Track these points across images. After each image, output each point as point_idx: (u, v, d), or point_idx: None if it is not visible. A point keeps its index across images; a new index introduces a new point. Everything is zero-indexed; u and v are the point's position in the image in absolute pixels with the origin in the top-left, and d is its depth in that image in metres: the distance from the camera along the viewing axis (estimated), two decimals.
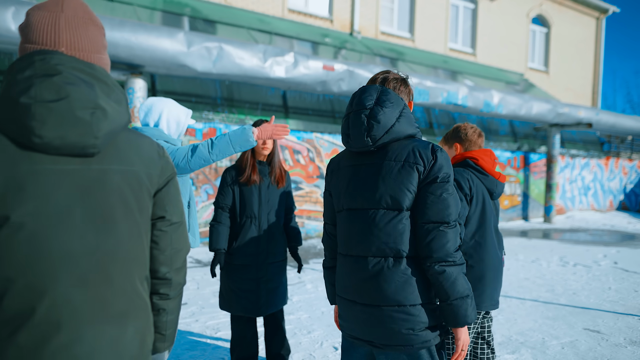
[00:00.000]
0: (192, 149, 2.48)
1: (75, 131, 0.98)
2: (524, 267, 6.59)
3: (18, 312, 0.93)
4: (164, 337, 1.27)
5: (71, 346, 0.96)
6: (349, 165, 1.63)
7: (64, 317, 0.96)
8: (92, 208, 1.01)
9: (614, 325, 4.13)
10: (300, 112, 9.12)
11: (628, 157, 16.32)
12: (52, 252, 0.96)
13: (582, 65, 18.38)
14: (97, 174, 1.03)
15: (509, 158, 12.28)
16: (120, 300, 1.05)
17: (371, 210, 1.54)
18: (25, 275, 0.94)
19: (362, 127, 1.53)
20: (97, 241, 1.01)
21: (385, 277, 1.50)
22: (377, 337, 1.52)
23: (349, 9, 12.33)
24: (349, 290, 1.59)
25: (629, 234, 10.85)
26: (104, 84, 1.07)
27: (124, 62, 6.30)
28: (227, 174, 2.86)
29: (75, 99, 0.98)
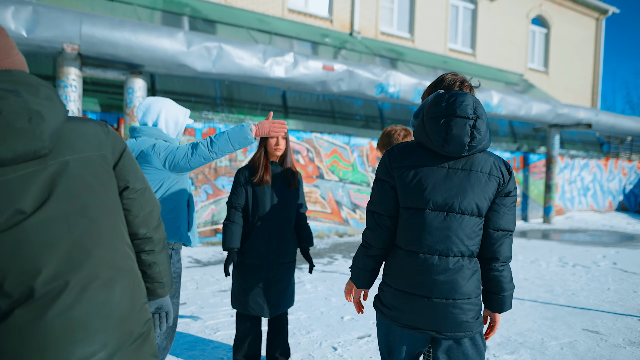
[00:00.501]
0: (192, 147, 2.49)
1: (21, 141, 1.03)
2: (523, 267, 6.59)
3: (20, 293, 1.05)
4: (162, 284, 1.47)
5: (66, 313, 1.09)
6: (436, 167, 1.70)
7: (57, 291, 1.08)
8: (60, 198, 1.11)
9: (613, 326, 4.14)
10: (299, 112, 9.12)
11: (627, 157, 16.33)
12: (36, 241, 1.07)
13: (582, 66, 18.39)
14: (55, 168, 1.12)
15: (508, 158, 12.28)
16: (104, 269, 1.17)
17: (459, 215, 1.67)
18: (17, 263, 1.05)
19: (466, 135, 1.64)
20: (72, 225, 1.12)
21: (464, 275, 1.67)
22: (446, 327, 1.67)
23: (348, 9, 12.33)
24: (421, 286, 1.68)
25: (628, 234, 10.86)
26: (28, 85, 1.10)
27: (124, 62, 6.29)
28: (240, 174, 2.88)
29: (9, 112, 1.02)
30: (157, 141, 2.56)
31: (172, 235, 2.56)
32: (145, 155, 2.51)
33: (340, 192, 9.28)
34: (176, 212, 2.59)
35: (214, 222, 7.83)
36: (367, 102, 10.02)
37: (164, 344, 2.63)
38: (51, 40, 5.68)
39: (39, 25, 5.58)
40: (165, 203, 2.55)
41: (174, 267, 2.62)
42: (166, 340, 2.64)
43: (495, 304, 1.77)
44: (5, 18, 5.39)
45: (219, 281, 5.32)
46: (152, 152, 2.49)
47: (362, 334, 3.73)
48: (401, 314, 1.72)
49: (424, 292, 1.67)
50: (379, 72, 8.57)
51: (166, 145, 2.54)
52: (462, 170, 1.68)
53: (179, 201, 2.60)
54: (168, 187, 2.55)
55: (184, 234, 2.62)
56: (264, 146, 2.88)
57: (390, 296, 1.76)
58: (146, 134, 2.59)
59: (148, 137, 2.58)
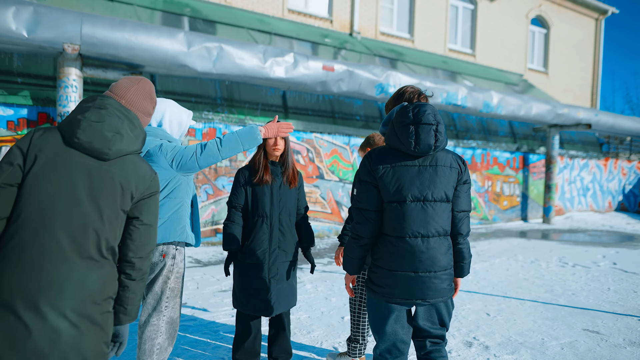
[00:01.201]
0: (201, 147, 2.51)
1: (99, 142, 1.60)
2: (523, 267, 6.60)
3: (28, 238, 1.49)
4: (126, 310, 1.72)
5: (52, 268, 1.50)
6: (409, 166, 2.07)
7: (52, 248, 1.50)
8: (91, 189, 1.58)
9: (613, 326, 4.14)
10: (299, 113, 9.12)
11: (627, 158, 16.35)
12: (56, 207, 1.53)
13: (581, 66, 18.40)
14: (103, 172, 1.62)
15: (508, 159, 12.30)
16: (91, 250, 1.57)
17: (433, 202, 2.06)
18: (37, 216, 1.51)
19: (432, 138, 2.03)
20: (86, 210, 1.56)
21: (441, 250, 2.07)
22: (429, 295, 2.07)
23: (348, 10, 12.34)
24: (409, 264, 2.04)
25: (628, 234, 10.87)
26: (132, 123, 1.70)
27: (124, 62, 6.30)
28: (240, 174, 2.89)
29: (107, 124, 1.62)
30: (164, 141, 2.57)
31: (177, 235, 2.57)
32: (151, 155, 2.52)
33: (340, 192, 9.29)
34: (181, 212, 2.60)
35: (214, 222, 7.84)
36: (367, 102, 10.03)
37: (165, 344, 2.64)
38: (52, 41, 5.68)
39: (40, 25, 5.59)
40: (170, 203, 2.56)
41: (177, 267, 2.62)
42: (168, 341, 2.65)
43: (459, 271, 2.20)
44: (6, 18, 5.40)
45: (220, 281, 5.32)
46: (159, 152, 2.50)
47: None
48: (392, 289, 2.07)
49: (411, 268, 2.04)
50: (378, 73, 8.58)
51: (173, 145, 2.55)
52: (430, 166, 2.08)
53: (184, 201, 2.61)
54: (173, 187, 2.56)
55: (189, 233, 2.63)
56: (263, 146, 2.89)
57: (382, 276, 2.10)
58: (151, 134, 2.60)
59: (153, 137, 2.59)
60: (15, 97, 6.38)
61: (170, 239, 2.54)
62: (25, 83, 6.57)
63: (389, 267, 2.07)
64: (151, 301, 2.58)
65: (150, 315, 2.58)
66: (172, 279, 2.60)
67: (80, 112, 1.61)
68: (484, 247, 8.29)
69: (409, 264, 2.04)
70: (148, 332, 2.56)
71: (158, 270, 2.57)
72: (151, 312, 2.58)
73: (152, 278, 2.59)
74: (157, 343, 2.59)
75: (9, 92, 6.37)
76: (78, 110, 1.63)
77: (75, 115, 1.61)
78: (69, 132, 1.59)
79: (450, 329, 3.97)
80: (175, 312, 2.66)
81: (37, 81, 6.67)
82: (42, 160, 1.54)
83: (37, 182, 1.52)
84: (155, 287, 2.58)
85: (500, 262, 6.97)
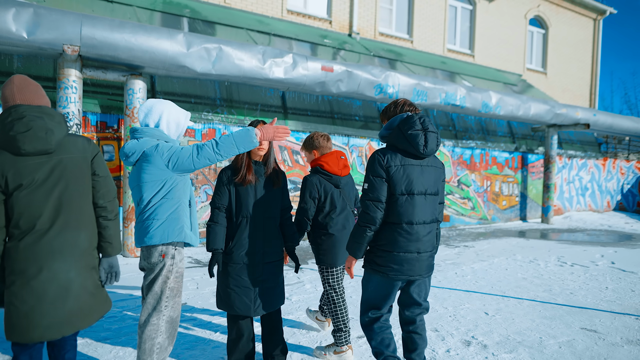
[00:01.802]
0: (197, 148, 2.52)
1: (39, 143, 2.09)
2: (522, 267, 6.63)
3: (27, 226, 2.09)
4: (111, 244, 2.36)
5: (51, 241, 2.11)
6: (415, 165, 2.54)
7: (47, 227, 2.11)
8: (56, 178, 2.15)
9: (611, 325, 4.17)
10: (299, 113, 9.14)
11: (625, 157, 16.38)
12: (40, 200, 2.10)
13: (580, 66, 18.44)
14: (56, 161, 2.16)
15: (506, 158, 12.33)
16: (77, 220, 2.20)
17: (431, 196, 2.57)
18: (29, 210, 2.09)
19: (436, 143, 2.55)
20: (60, 193, 2.15)
21: (434, 234, 2.62)
22: (424, 271, 2.58)
23: (347, 10, 12.36)
24: (415, 245, 2.52)
25: (627, 234, 10.90)
26: (49, 115, 2.15)
27: (124, 63, 6.32)
28: (222, 174, 2.87)
29: (36, 127, 2.08)
30: (160, 142, 2.58)
31: (175, 235, 2.58)
32: (147, 156, 2.53)
33: None
34: (179, 212, 2.61)
35: None
36: (366, 102, 10.05)
37: (165, 344, 2.65)
38: (52, 42, 5.70)
39: (40, 27, 5.61)
40: (168, 204, 2.57)
41: (177, 267, 2.64)
42: (167, 340, 2.66)
43: (435, 251, 2.71)
44: (6, 20, 5.41)
45: None
46: (155, 153, 2.51)
47: (361, 334, 3.76)
48: (400, 267, 2.52)
49: (416, 249, 2.52)
50: (377, 73, 8.60)
51: (169, 145, 2.57)
52: (428, 166, 2.58)
53: (181, 202, 2.63)
54: (170, 187, 2.57)
55: (187, 233, 2.65)
56: None
57: (388, 259, 2.53)
58: (148, 135, 2.61)
59: (150, 138, 2.60)
60: None
61: (168, 239, 2.56)
62: None
63: (396, 250, 2.51)
64: (151, 301, 2.60)
65: (150, 315, 2.59)
66: (171, 279, 2.62)
67: (8, 130, 2.05)
68: (483, 247, 8.31)
69: (414, 245, 2.52)
70: (148, 332, 2.58)
71: (158, 270, 2.59)
72: (151, 312, 2.60)
73: (152, 278, 2.60)
74: (157, 342, 2.60)
75: None
76: (3, 128, 2.05)
77: (7, 134, 2.04)
78: (14, 149, 2.06)
79: (449, 328, 3.99)
80: (175, 312, 2.68)
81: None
82: (11, 176, 2.06)
83: (19, 194, 2.08)
84: (155, 286, 2.59)
85: (499, 261, 7.00)
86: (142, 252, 2.63)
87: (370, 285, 2.66)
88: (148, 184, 2.53)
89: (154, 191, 2.53)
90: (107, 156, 6.95)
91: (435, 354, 3.43)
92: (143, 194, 2.55)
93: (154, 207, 2.54)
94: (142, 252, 2.62)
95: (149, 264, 2.58)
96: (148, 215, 2.55)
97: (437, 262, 6.83)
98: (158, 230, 2.53)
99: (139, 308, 4.27)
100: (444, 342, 3.67)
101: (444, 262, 6.83)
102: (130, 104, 6.43)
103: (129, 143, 2.60)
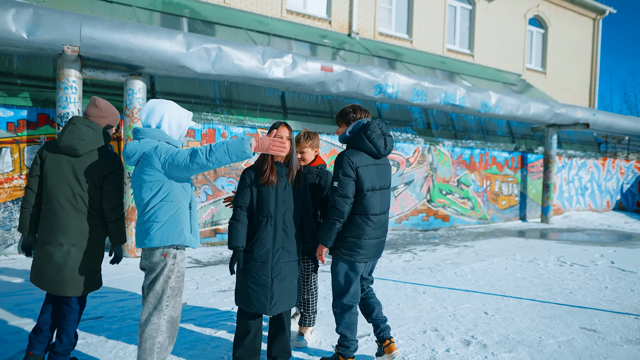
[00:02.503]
0: (190, 154, 2.49)
1: (72, 146, 2.76)
2: (522, 266, 6.63)
3: (45, 204, 2.82)
4: (113, 238, 2.92)
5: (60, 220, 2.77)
6: (374, 164, 3.01)
7: (58, 209, 2.77)
8: (74, 176, 2.78)
9: (611, 324, 4.17)
10: (298, 113, 9.15)
11: (625, 157, 16.39)
12: (56, 189, 2.78)
13: (579, 66, 18.45)
14: (79, 163, 2.79)
15: (506, 158, 12.33)
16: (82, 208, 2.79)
17: (386, 189, 3.08)
18: (47, 190, 2.80)
19: (392, 145, 3.07)
20: (74, 188, 2.77)
21: (388, 220, 3.14)
22: (380, 253, 3.14)
23: (347, 10, 12.37)
24: (377, 232, 3.01)
25: (626, 233, 10.91)
26: (93, 130, 2.83)
27: (124, 64, 6.32)
28: (246, 175, 2.93)
29: (77, 133, 2.78)
30: (160, 143, 2.58)
31: (175, 238, 2.59)
32: (147, 157, 2.53)
33: None
34: (179, 215, 2.61)
35: (214, 222, 7.86)
36: (365, 102, 10.05)
37: (166, 343, 2.66)
38: (51, 43, 5.70)
39: (40, 27, 5.61)
40: (167, 206, 2.57)
41: (178, 267, 2.65)
42: (168, 340, 2.67)
43: None
44: (6, 20, 5.41)
45: (219, 281, 5.34)
46: (154, 154, 2.52)
47: (361, 334, 3.76)
48: (365, 252, 2.99)
49: (377, 235, 3.02)
50: (377, 73, 8.61)
51: (168, 147, 2.57)
52: (384, 164, 3.09)
53: (180, 204, 2.63)
54: (167, 190, 2.57)
55: (187, 236, 2.65)
56: None
57: (354, 245, 2.96)
58: (149, 136, 2.61)
59: (151, 139, 2.61)
60: (15, 98, 6.40)
61: (168, 242, 2.56)
62: (25, 84, 6.59)
63: (364, 237, 2.96)
64: (152, 300, 2.60)
65: (151, 314, 2.60)
66: (172, 279, 2.63)
67: (61, 130, 2.83)
68: (483, 247, 8.32)
69: (376, 232, 3.01)
70: (149, 331, 2.59)
71: (159, 270, 2.59)
72: (152, 311, 2.60)
73: (153, 277, 2.61)
74: (158, 342, 2.61)
75: (8, 93, 6.39)
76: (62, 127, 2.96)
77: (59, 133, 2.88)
78: (56, 143, 2.81)
79: (449, 327, 4.00)
80: (175, 311, 2.68)
81: (36, 83, 6.69)
82: (46, 162, 2.82)
83: (45, 176, 2.80)
84: (156, 286, 2.60)
85: (499, 261, 7.00)
86: (143, 252, 2.64)
87: (340, 271, 3.04)
88: (147, 184, 2.54)
89: (153, 192, 2.54)
90: None
91: (435, 354, 3.43)
92: (142, 194, 2.56)
93: (153, 209, 2.55)
94: (144, 252, 2.63)
95: (151, 263, 2.59)
96: (148, 217, 2.56)
97: (437, 262, 6.84)
98: (158, 232, 2.54)
99: (139, 308, 4.28)
100: (443, 341, 3.68)
101: (443, 262, 6.84)
102: (130, 104, 6.43)
103: (131, 144, 2.61)
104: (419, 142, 10.54)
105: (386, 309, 4.46)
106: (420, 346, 3.57)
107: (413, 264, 6.71)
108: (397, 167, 10.12)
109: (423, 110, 11.14)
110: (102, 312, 4.14)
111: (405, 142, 10.29)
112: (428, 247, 8.18)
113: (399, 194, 10.18)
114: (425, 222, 10.73)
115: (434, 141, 10.88)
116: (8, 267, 5.72)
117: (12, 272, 5.45)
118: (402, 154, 10.20)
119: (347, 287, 3.03)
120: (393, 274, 5.96)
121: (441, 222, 11.03)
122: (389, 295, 4.94)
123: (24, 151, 6.40)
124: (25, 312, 4.07)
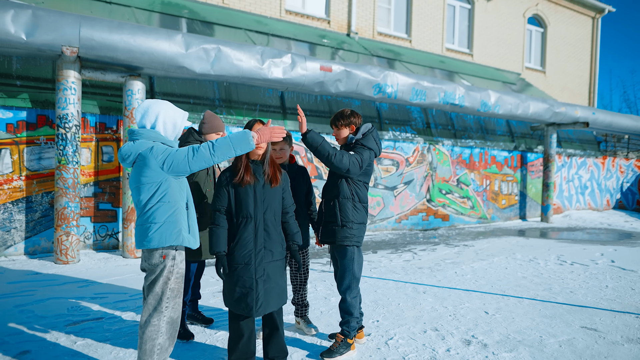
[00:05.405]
0: (193, 150, 2.51)
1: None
2: (522, 266, 6.63)
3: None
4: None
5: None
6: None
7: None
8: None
9: (611, 323, 4.17)
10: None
11: (625, 155, 16.39)
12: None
13: (579, 65, 18.45)
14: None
15: (506, 157, 12.33)
16: None
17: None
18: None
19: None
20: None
21: None
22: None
23: (346, 10, 12.36)
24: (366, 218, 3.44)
25: (626, 232, 10.91)
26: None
27: (123, 64, 6.32)
28: (222, 176, 2.88)
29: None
30: (155, 143, 2.58)
31: (173, 239, 2.58)
32: (143, 158, 2.53)
33: None
34: (176, 216, 2.61)
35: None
36: (364, 102, 10.05)
37: (166, 344, 2.66)
38: (50, 44, 5.70)
39: (39, 28, 5.60)
40: (165, 207, 2.57)
41: (178, 268, 2.64)
42: (168, 341, 2.67)
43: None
44: (5, 21, 5.41)
45: (219, 282, 5.34)
46: (150, 155, 2.51)
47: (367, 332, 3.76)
48: (363, 236, 3.38)
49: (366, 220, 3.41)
50: (376, 73, 8.61)
51: (164, 147, 2.57)
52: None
53: (178, 205, 2.62)
54: (164, 190, 2.57)
55: (185, 237, 2.64)
56: None
57: (360, 231, 3.35)
58: (144, 137, 2.60)
59: (146, 140, 2.60)
60: (14, 99, 6.39)
61: (166, 243, 2.56)
62: (24, 86, 6.59)
63: (361, 222, 3.35)
64: (152, 302, 2.60)
65: (151, 316, 2.60)
66: (172, 280, 2.62)
67: None
68: (483, 246, 8.32)
69: (366, 218, 3.44)
70: (149, 333, 2.58)
71: (159, 271, 2.59)
72: (152, 313, 2.60)
73: (152, 279, 2.60)
74: (158, 343, 2.61)
75: (8, 94, 6.38)
76: None
77: None
78: None
79: (449, 327, 4.00)
80: (175, 313, 2.68)
81: (35, 84, 6.69)
82: None
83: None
84: (156, 287, 2.59)
85: (499, 260, 7.00)
86: (143, 254, 2.64)
87: (354, 262, 3.34)
88: (144, 186, 2.54)
89: (150, 193, 2.54)
90: (106, 157, 6.95)
91: (436, 353, 3.43)
92: (140, 196, 2.56)
93: (151, 210, 2.55)
94: (143, 254, 2.63)
95: (150, 265, 2.59)
96: (146, 218, 2.56)
97: (437, 262, 6.83)
98: (156, 233, 2.54)
99: (139, 309, 4.28)
100: (444, 341, 3.67)
101: (443, 262, 6.84)
102: (129, 104, 6.43)
103: (126, 145, 2.60)
104: (419, 141, 10.53)
105: (386, 308, 4.46)
106: (420, 346, 3.57)
107: (413, 263, 6.70)
108: (397, 166, 10.12)
109: (422, 110, 11.14)
110: (103, 313, 4.14)
111: (404, 141, 10.28)
112: (428, 247, 8.18)
113: (398, 194, 10.18)
114: (425, 222, 10.73)
115: (433, 141, 10.87)
116: (8, 268, 5.71)
117: (12, 273, 5.45)
118: (401, 153, 10.20)
119: (360, 273, 3.38)
120: (393, 274, 5.95)
121: (441, 222, 11.03)
122: (389, 295, 4.93)
123: (24, 152, 6.40)
124: (25, 313, 4.07)
